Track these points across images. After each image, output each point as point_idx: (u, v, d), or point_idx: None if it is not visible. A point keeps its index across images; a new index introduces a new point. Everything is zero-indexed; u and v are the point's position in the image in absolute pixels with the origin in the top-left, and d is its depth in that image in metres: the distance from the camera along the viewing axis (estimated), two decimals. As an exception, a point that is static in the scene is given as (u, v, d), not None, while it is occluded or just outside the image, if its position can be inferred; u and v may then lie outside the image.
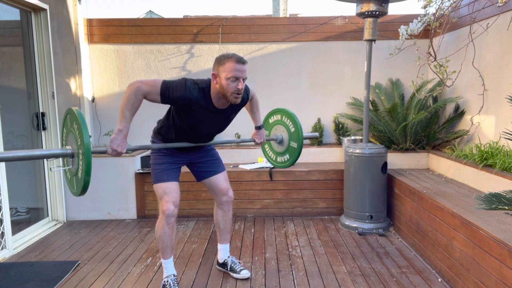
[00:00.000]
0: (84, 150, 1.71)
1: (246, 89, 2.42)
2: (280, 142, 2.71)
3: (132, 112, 2.11)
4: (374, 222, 3.60)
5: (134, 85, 2.10)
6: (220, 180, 2.63)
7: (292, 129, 2.61)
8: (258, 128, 2.63)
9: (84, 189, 1.81)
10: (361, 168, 3.58)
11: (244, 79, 2.17)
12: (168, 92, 2.14)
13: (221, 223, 2.74)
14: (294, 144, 2.62)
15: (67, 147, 1.87)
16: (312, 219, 4.04)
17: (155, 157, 2.48)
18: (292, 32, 4.68)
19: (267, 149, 2.88)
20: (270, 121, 2.80)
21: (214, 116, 2.31)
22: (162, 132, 2.45)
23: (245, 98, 2.40)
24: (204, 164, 2.61)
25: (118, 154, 2.04)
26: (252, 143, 2.66)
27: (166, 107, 2.38)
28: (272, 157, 2.85)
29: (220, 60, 2.16)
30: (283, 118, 2.68)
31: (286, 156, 2.71)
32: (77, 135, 1.78)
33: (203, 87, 2.22)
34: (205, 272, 2.86)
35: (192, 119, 2.27)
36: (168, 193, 2.37)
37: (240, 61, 2.14)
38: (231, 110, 2.37)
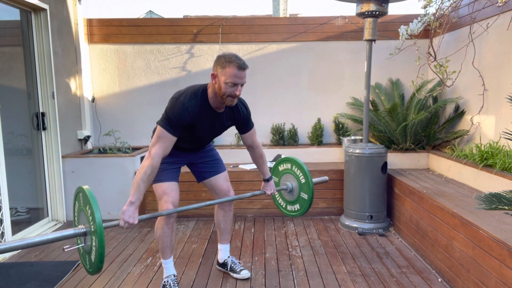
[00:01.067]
0: (97, 231, 1.73)
1: (245, 105, 2.42)
2: (291, 191, 2.70)
3: (146, 185, 2.10)
4: (374, 222, 3.60)
5: (149, 156, 2.12)
6: (221, 180, 2.62)
7: (303, 180, 2.59)
8: (266, 180, 2.62)
9: (98, 270, 1.83)
10: (361, 168, 3.58)
11: (242, 84, 2.17)
12: (174, 123, 2.15)
13: (222, 223, 2.74)
14: (304, 196, 2.61)
15: (80, 226, 1.89)
16: (312, 219, 4.04)
17: None
18: (292, 32, 4.68)
19: (277, 197, 2.86)
20: (280, 168, 2.77)
21: (214, 119, 2.31)
22: None
23: (244, 112, 2.39)
24: (204, 164, 2.61)
25: (130, 225, 2.01)
26: (261, 195, 2.64)
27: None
28: (282, 205, 2.83)
29: (221, 63, 2.13)
30: (293, 168, 2.65)
31: (297, 206, 2.70)
32: (89, 215, 1.80)
33: (195, 93, 2.21)
34: (205, 272, 2.86)
35: (194, 130, 2.29)
36: (168, 193, 2.37)
37: (241, 67, 2.12)
38: (228, 116, 2.36)
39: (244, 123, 2.44)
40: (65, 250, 1.91)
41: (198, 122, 2.24)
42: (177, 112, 2.15)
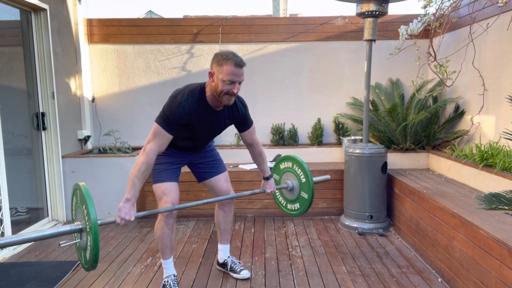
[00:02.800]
0: (92, 231, 1.74)
1: (243, 103, 2.42)
2: (291, 190, 2.69)
3: (141, 181, 2.10)
4: (374, 222, 3.60)
5: (144, 152, 2.12)
6: (221, 181, 2.61)
7: (303, 180, 2.59)
8: (266, 178, 2.62)
9: (93, 268, 1.85)
10: (361, 168, 3.58)
11: (240, 82, 2.16)
12: (170, 122, 2.15)
13: (222, 224, 2.74)
14: (304, 195, 2.60)
15: (76, 222, 1.90)
16: (312, 219, 4.04)
17: None
18: (292, 32, 4.68)
19: (277, 195, 2.86)
20: (281, 167, 2.76)
21: (212, 118, 2.30)
22: None
23: (242, 110, 2.39)
24: (205, 164, 2.60)
25: (127, 222, 2.01)
26: (261, 193, 2.63)
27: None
28: (282, 203, 2.83)
29: (219, 61, 2.12)
30: (294, 167, 2.64)
31: (297, 205, 2.70)
32: (85, 214, 1.80)
33: (193, 91, 2.21)
34: (205, 272, 2.86)
35: (193, 129, 2.28)
36: (167, 194, 2.36)
37: (238, 65, 2.11)
38: (226, 115, 2.35)
39: (243, 122, 2.43)
40: (61, 245, 1.92)
41: (196, 121, 2.24)
42: (174, 111, 2.15)
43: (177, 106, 2.15)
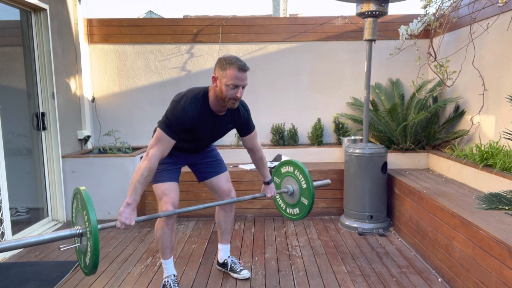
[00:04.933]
0: (92, 237, 1.73)
1: (246, 108, 2.41)
2: (291, 194, 2.69)
3: (143, 186, 2.10)
4: (374, 222, 3.60)
5: (147, 157, 2.11)
6: (222, 181, 2.61)
7: (304, 185, 2.58)
8: (267, 183, 2.61)
9: (93, 273, 1.84)
10: (361, 168, 3.58)
11: (243, 87, 2.16)
12: (173, 127, 2.14)
13: (223, 224, 2.74)
14: (304, 201, 2.60)
15: (76, 227, 1.90)
16: (312, 219, 4.04)
17: None
18: (292, 32, 4.68)
19: (277, 198, 2.85)
20: (282, 170, 2.76)
21: (214, 122, 2.30)
22: None
23: (244, 114, 2.38)
24: (205, 164, 2.60)
25: (127, 227, 2.01)
26: (261, 198, 2.63)
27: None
28: (282, 206, 2.83)
29: (222, 65, 2.12)
30: (295, 172, 2.64)
31: (296, 210, 2.69)
32: (85, 220, 1.80)
33: (195, 96, 2.20)
34: (205, 272, 2.86)
35: (195, 133, 2.28)
36: (167, 194, 2.36)
37: (242, 69, 2.10)
38: (229, 119, 2.35)
39: (245, 126, 2.43)
40: (61, 249, 1.92)
41: (199, 125, 2.23)
42: (177, 116, 2.14)
43: (180, 111, 2.14)
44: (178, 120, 2.14)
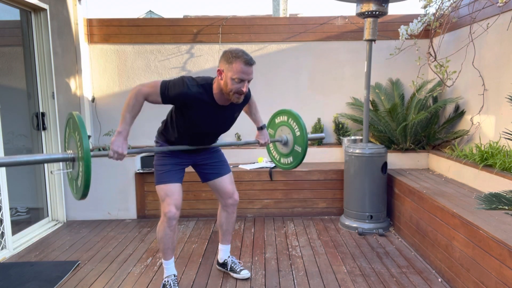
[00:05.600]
0: (84, 157, 1.72)
1: (249, 91, 2.42)
2: (285, 143, 2.69)
3: (132, 115, 2.10)
4: (374, 222, 3.60)
5: (135, 88, 2.12)
6: (226, 182, 2.60)
7: (298, 133, 2.59)
8: (260, 128, 2.61)
9: (84, 196, 1.84)
10: (361, 168, 3.58)
11: (249, 81, 2.15)
12: (168, 90, 2.13)
13: (224, 225, 2.73)
14: (298, 148, 2.60)
15: (69, 151, 1.89)
16: (312, 219, 4.04)
17: (158, 158, 2.46)
18: (292, 32, 4.68)
19: (271, 149, 2.86)
20: (276, 121, 2.77)
21: (217, 112, 2.27)
22: (165, 133, 2.44)
23: (248, 96, 2.40)
24: (209, 166, 2.58)
25: (120, 156, 2.02)
26: (255, 144, 2.64)
27: (169, 107, 2.37)
28: (276, 157, 2.84)
29: (228, 58, 2.11)
30: (289, 120, 2.65)
31: (290, 159, 2.70)
32: (77, 140, 1.79)
33: (202, 83, 2.20)
34: (205, 272, 2.86)
35: (194, 116, 2.23)
36: (170, 195, 2.36)
37: (248, 63, 2.10)
38: (235, 108, 2.35)
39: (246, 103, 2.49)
40: (53, 173, 1.92)
41: (195, 108, 2.19)
42: (175, 85, 2.13)
43: (181, 83, 2.14)
44: (175, 89, 2.12)
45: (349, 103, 4.68)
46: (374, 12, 3.38)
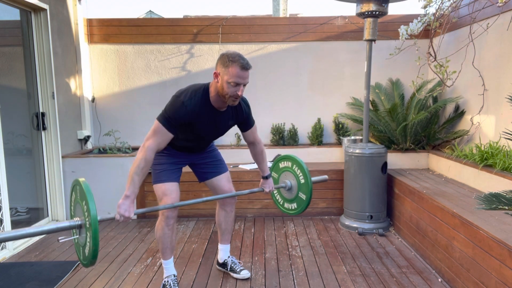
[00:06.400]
0: (92, 228, 1.72)
1: (247, 103, 2.42)
2: (289, 189, 2.69)
3: (140, 178, 2.09)
4: (374, 222, 3.60)
5: (142, 149, 2.12)
6: (223, 181, 2.61)
7: (302, 180, 2.58)
8: (265, 178, 2.61)
9: (92, 264, 1.83)
10: (361, 168, 3.58)
11: (245, 85, 2.16)
12: (171, 120, 2.14)
13: (223, 224, 2.74)
14: (302, 196, 2.60)
15: (75, 218, 1.89)
16: (312, 219, 4.04)
17: (155, 157, 2.46)
18: (292, 32, 4.68)
19: (275, 193, 2.85)
20: (280, 165, 2.76)
21: (216, 118, 2.30)
22: None
23: (246, 110, 2.39)
24: (206, 165, 2.59)
25: (126, 219, 2.01)
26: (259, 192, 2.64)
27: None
28: (279, 201, 2.83)
29: (225, 62, 2.12)
30: (293, 167, 2.64)
31: (294, 205, 2.70)
32: (85, 210, 1.79)
33: (198, 92, 2.20)
34: (205, 272, 2.86)
35: (195, 129, 2.28)
36: (168, 195, 2.36)
37: (244, 67, 2.10)
38: (230, 116, 2.35)
39: (246, 122, 2.44)
40: (60, 241, 1.91)
41: (198, 121, 2.23)
42: (175, 110, 2.15)
43: (179, 105, 2.15)
44: (176, 114, 2.14)
45: (349, 103, 4.68)
46: (374, 12, 3.38)
